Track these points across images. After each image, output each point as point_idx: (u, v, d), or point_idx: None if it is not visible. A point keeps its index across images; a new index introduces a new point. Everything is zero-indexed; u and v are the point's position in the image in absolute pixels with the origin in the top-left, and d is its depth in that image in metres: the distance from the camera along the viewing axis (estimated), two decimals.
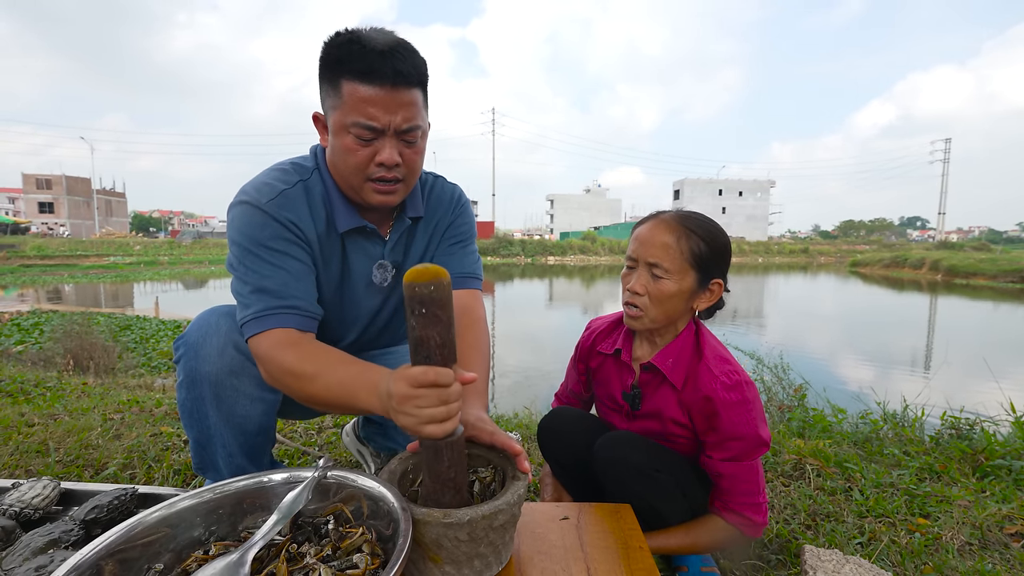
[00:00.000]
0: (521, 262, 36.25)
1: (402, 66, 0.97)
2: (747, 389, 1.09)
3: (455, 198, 1.29)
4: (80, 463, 1.79)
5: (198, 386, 1.09)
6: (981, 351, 6.18)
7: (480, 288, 1.28)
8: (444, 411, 0.75)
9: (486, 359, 1.14)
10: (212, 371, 1.07)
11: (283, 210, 1.06)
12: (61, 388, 3.13)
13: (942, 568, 1.27)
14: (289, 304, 1.02)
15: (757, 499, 1.12)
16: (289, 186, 1.08)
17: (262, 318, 1.00)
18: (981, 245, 39.25)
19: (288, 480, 0.88)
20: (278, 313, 1.00)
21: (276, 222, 1.05)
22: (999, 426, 2.42)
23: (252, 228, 1.04)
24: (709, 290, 1.16)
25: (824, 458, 1.92)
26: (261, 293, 1.01)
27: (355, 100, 0.97)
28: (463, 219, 1.30)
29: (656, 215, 1.18)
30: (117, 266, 27.52)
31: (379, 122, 0.98)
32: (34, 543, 0.89)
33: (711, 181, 65.91)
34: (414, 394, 0.75)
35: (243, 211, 1.05)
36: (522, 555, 0.91)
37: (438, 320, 0.73)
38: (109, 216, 63.13)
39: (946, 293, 17.74)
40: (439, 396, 0.75)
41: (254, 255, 1.03)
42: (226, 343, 1.08)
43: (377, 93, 0.96)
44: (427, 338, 0.74)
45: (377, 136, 1.00)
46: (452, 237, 1.28)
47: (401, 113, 0.99)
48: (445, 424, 0.76)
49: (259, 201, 1.05)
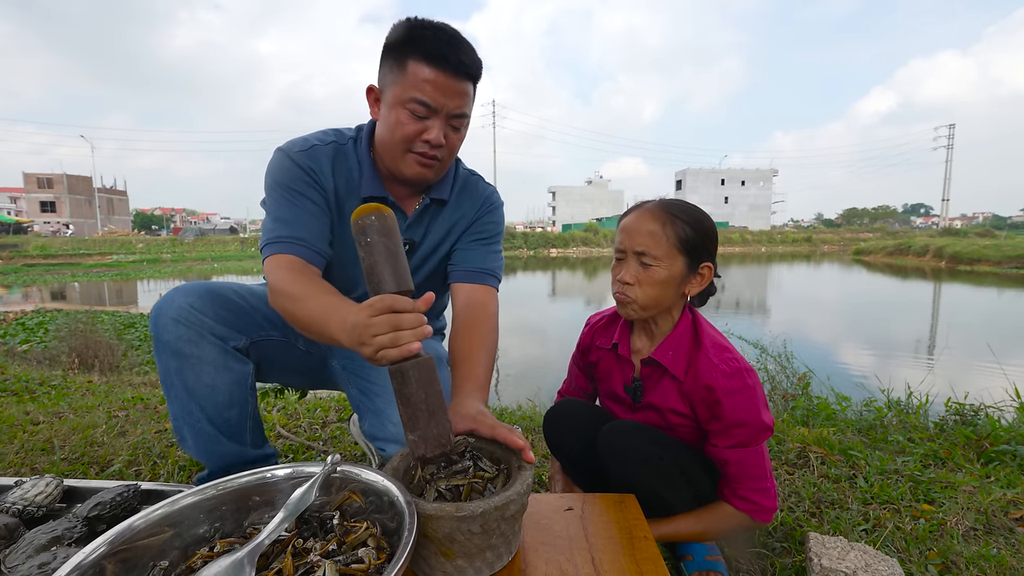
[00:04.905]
0: (524, 255, 36.23)
1: (466, 58, 1.06)
2: (747, 376, 1.08)
3: (487, 197, 1.34)
4: (85, 460, 1.80)
5: (163, 355, 1.12)
6: (985, 338, 6.16)
7: (497, 288, 1.29)
8: (404, 335, 0.76)
9: (491, 355, 1.15)
10: (171, 339, 1.10)
11: (308, 159, 1.17)
12: (66, 386, 3.15)
13: (947, 554, 1.27)
14: (297, 236, 1.11)
15: (765, 484, 1.12)
16: (322, 144, 1.19)
17: (273, 244, 1.11)
18: (985, 231, 39.06)
19: (292, 476, 0.87)
20: (286, 241, 1.10)
21: (299, 167, 1.15)
22: (1003, 412, 2.42)
23: (279, 172, 1.16)
24: (699, 274, 1.16)
25: (828, 446, 1.92)
26: (277, 222, 1.13)
27: (418, 79, 1.05)
28: (491, 218, 1.34)
29: (640, 205, 1.18)
30: (120, 264, 27.58)
31: (435, 102, 1.06)
32: (37, 540, 0.89)
33: (713, 171, 65.65)
34: (371, 322, 0.76)
35: (276, 157, 1.18)
36: (527, 546, 0.91)
37: (384, 247, 0.76)
38: (111, 214, 63.26)
39: (950, 280, 17.67)
40: (392, 321, 0.76)
41: (278, 194, 1.15)
42: (180, 312, 1.11)
43: (439, 77, 1.05)
44: (376, 265, 0.76)
45: (430, 115, 1.08)
46: (477, 233, 1.31)
47: (456, 99, 1.08)
48: (403, 347, 0.76)
49: (291, 150, 1.17)
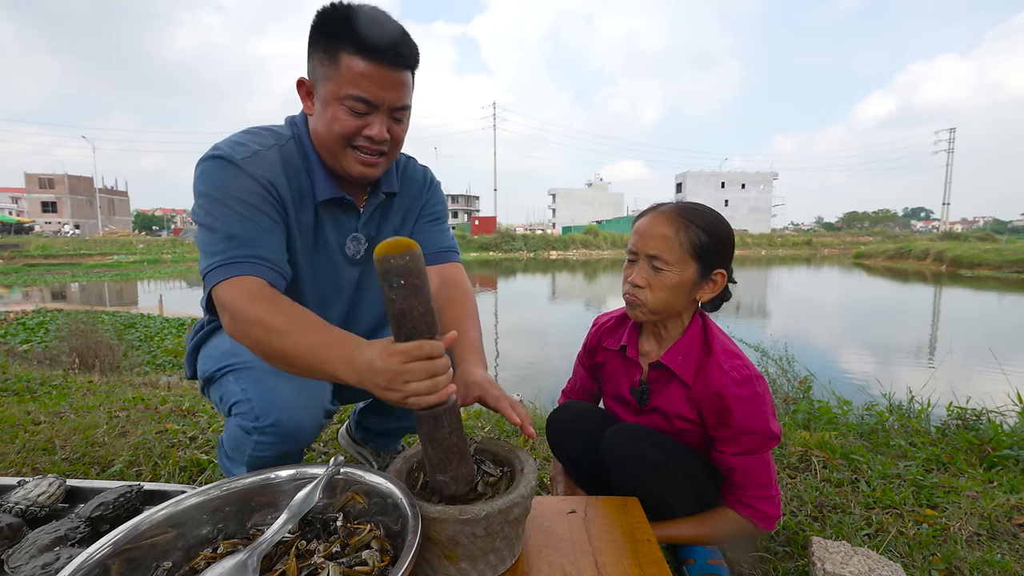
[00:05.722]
0: (523, 257, 36.21)
1: (403, 48, 1.00)
2: (757, 383, 1.08)
3: (427, 179, 1.33)
4: (86, 461, 1.79)
5: (275, 456, 1.04)
6: (987, 342, 6.15)
7: (460, 262, 1.32)
8: (438, 381, 0.75)
9: (479, 325, 1.18)
10: (302, 447, 1.07)
11: (259, 168, 1.02)
12: (67, 386, 3.14)
13: (950, 559, 1.26)
14: (259, 254, 0.98)
15: (770, 492, 1.11)
16: (264, 148, 1.06)
17: (230, 265, 0.95)
18: (986, 235, 39.00)
19: (295, 477, 0.87)
20: (248, 261, 0.96)
21: (251, 178, 1.01)
22: (1006, 417, 2.41)
23: (225, 180, 1.00)
24: (712, 280, 1.14)
25: (830, 450, 1.91)
26: (231, 240, 0.97)
27: (353, 74, 0.98)
28: (436, 198, 1.33)
29: (655, 207, 1.17)
30: (120, 264, 27.59)
31: (375, 98, 1.00)
32: (40, 540, 0.89)
33: (714, 174, 65.65)
34: (405, 369, 0.74)
35: (216, 164, 1.01)
36: (530, 549, 0.91)
37: (417, 290, 0.72)
38: (112, 215, 63.32)
39: (951, 284, 17.65)
40: (430, 368, 0.74)
41: (225, 205, 0.98)
42: (317, 416, 1.06)
43: (376, 70, 0.98)
44: (410, 309, 0.73)
45: (370, 111, 1.02)
46: (428, 215, 1.31)
47: (396, 92, 1.02)
48: (441, 393, 0.76)
49: (233, 157, 1.01)
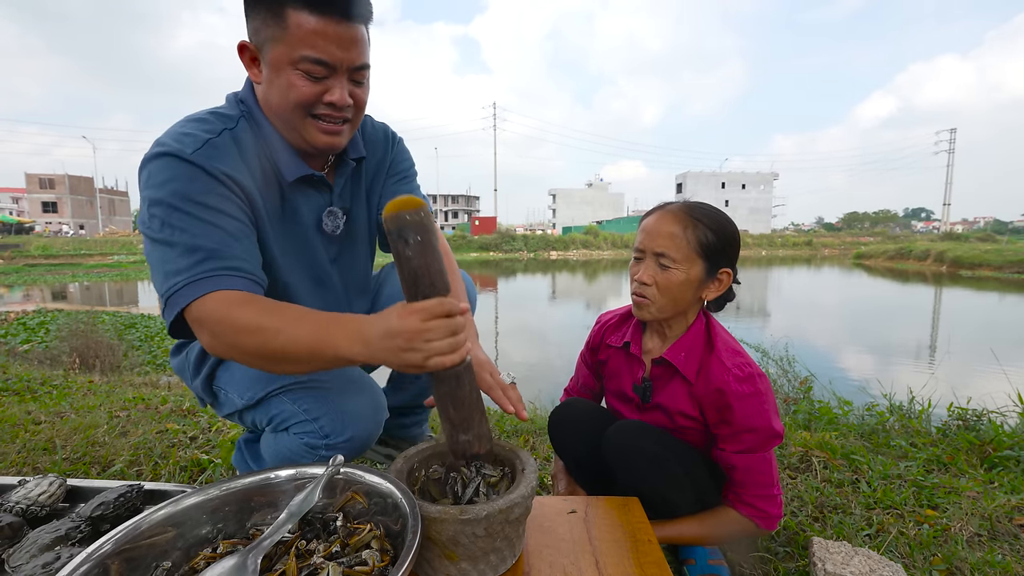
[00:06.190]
0: (524, 257, 36.20)
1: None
2: (759, 381, 1.08)
3: (389, 135, 1.25)
4: (87, 460, 1.79)
5: None
6: (987, 342, 6.14)
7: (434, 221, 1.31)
8: (459, 339, 0.76)
9: (463, 281, 1.16)
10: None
11: (213, 161, 0.91)
12: (67, 386, 3.14)
13: (951, 559, 1.26)
14: (231, 266, 0.87)
15: (771, 491, 1.11)
16: (214, 135, 0.94)
17: (198, 282, 0.84)
18: (986, 236, 38.96)
19: (295, 477, 0.87)
20: (219, 275, 0.85)
21: (207, 174, 0.89)
22: (1007, 417, 2.41)
23: (178, 182, 0.87)
24: (718, 279, 1.15)
25: (831, 450, 1.91)
26: (195, 253, 0.85)
27: (305, 32, 0.87)
28: (402, 155, 1.26)
29: (663, 206, 1.17)
30: (121, 265, 27.57)
31: (333, 58, 0.90)
32: (41, 540, 0.88)
33: (714, 174, 65.67)
34: (426, 327, 0.73)
35: (164, 164, 0.89)
36: (530, 549, 0.91)
37: (432, 247, 0.72)
38: (112, 215, 63.36)
39: (951, 284, 17.63)
40: (451, 326, 0.74)
41: (183, 212, 0.86)
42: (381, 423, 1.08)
43: (331, 26, 0.88)
44: (427, 266, 0.72)
45: (329, 74, 0.92)
46: (396, 174, 1.24)
47: (354, 49, 0.92)
48: (462, 351, 0.77)
49: (183, 152, 0.89)
